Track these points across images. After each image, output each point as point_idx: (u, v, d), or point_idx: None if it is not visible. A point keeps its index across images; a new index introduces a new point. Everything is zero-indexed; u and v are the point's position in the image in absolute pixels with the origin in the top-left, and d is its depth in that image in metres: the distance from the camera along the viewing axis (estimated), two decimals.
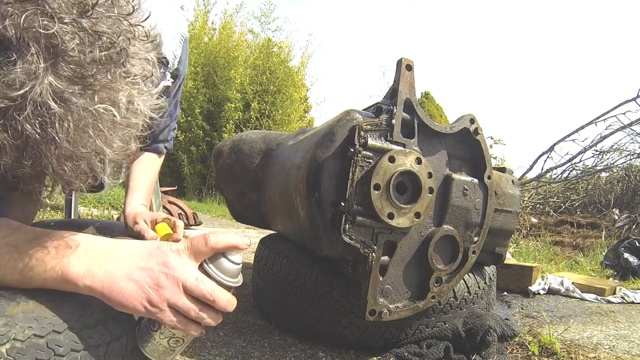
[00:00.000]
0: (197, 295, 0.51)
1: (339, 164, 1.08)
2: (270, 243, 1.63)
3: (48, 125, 0.41)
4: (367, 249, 1.07)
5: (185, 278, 0.51)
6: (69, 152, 0.44)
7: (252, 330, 1.39)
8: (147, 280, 0.50)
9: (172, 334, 0.54)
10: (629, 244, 2.97)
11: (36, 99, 0.40)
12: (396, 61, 1.14)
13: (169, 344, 0.55)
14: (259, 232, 3.95)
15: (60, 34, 0.40)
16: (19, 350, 0.44)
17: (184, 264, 0.51)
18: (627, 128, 5.31)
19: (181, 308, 0.51)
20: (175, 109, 1.23)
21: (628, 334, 1.55)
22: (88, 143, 0.45)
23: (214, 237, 0.52)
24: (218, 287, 0.53)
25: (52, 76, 0.40)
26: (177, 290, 0.50)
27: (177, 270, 0.51)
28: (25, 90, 0.39)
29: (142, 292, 0.50)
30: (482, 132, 1.26)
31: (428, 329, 1.26)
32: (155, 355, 0.56)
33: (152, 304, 0.50)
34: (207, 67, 9.42)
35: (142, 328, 0.56)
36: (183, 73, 1.12)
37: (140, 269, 0.50)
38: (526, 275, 2.20)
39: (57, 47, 0.40)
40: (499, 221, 1.40)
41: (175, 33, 0.98)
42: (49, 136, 0.41)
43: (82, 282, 0.49)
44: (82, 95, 0.42)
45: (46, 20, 0.39)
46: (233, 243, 0.53)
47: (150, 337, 0.55)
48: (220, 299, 0.53)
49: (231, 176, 1.75)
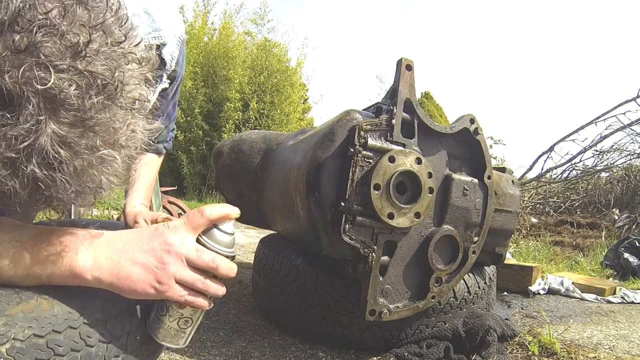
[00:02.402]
0: (200, 264, 0.54)
1: (339, 164, 1.08)
2: (270, 243, 1.63)
3: (56, 170, 0.43)
4: (367, 249, 1.07)
5: (187, 251, 0.54)
6: (77, 189, 0.46)
7: (252, 330, 1.39)
8: (151, 260, 0.53)
9: (180, 314, 0.57)
10: (629, 244, 2.97)
11: (41, 148, 0.41)
12: (396, 61, 1.14)
13: (179, 326, 0.58)
14: (259, 232, 3.95)
15: (58, 84, 0.41)
16: (19, 350, 0.44)
17: (183, 238, 0.54)
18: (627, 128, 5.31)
19: (187, 280, 0.54)
20: (173, 110, 1.24)
21: (628, 334, 1.55)
22: (95, 179, 0.47)
23: (208, 208, 0.56)
24: (218, 255, 0.56)
25: (54, 124, 0.42)
26: (182, 264, 0.53)
27: (178, 246, 0.54)
28: (30, 142, 0.41)
29: (149, 274, 0.52)
30: (482, 132, 1.26)
31: (428, 329, 1.26)
32: (167, 340, 0.58)
33: (160, 282, 0.52)
34: (207, 67, 9.41)
35: (152, 318, 0.59)
36: (181, 74, 1.13)
37: (143, 252, 0.53)
38: (526, 275, 2.20)
39: (56, 97, 0.41)
40: (499, 221, 1.40)
41: (172, 35, 0.98)
42: (57, 179, 0.43)
43: (90, 274, 0.50)
44: (84, 136, 0.44)
45: (42, 72, 0.40)
46: (225, 212, 0.57)
47: (160, 323, 0.58)
48: (222, 265, 0.55)
49: (231, 176, 1.75)
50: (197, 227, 0.56)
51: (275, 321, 1.46)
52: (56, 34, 0.41)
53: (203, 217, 0.56)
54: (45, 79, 0.40)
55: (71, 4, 0.43)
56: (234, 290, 1.88)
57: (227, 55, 9.37)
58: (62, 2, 0.42)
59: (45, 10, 0.41)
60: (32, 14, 0.40)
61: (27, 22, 0.40)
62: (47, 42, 0.41)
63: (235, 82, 9.03)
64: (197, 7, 10.25)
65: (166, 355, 1.15)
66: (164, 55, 0.97)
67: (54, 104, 0.41)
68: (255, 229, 4.17)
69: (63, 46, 0.41)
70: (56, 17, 0.41)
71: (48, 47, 0.41)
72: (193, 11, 10.31)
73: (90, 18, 0.44)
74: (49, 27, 0.41)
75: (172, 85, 1.11)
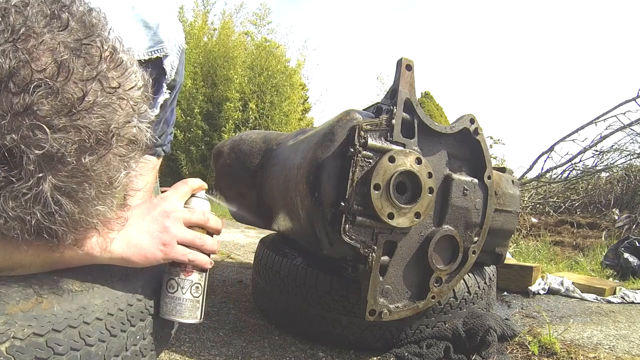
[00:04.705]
0: (195, 221, 0.66)
1: (339, 164, 1.08)
2: (270, 243, 1.63)
3: (56, 215, 0.46)
4: (367, 249, 1.07)
5: (182, 214, 0.65)
6: (80, 223, 0.49)
7: (252, 330, 1.39)
8: (155, 227, 0.62)
9: (190, 282, 0.65)
10: (629, 244, 2.96)
11: (42, 199, 0.44)
12: (396, 61, 1.14)
13: (192, 295, 0.65)
14: (259, 232, 3.95)
15: (55, 145, 0.42)
16: (19, 348, 0.44)
17: (176, 204, 0.65)
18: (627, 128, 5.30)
19: (187, 238, 0.64)
20: (171, 115, 1.25)
21: (628, 334, 1.55)
22: (96, 213, 0.50)
23: (189, 180, 0.70)
24: (206, 211, 0.69)
25: (53, 178, 0.44)
26: (180, 225, 0.64)
27: (173, 211, 0.64)
28: (30, 196, 0.44)
29: (155, 238, 0.61)
30: (482, 132, 1.26)
31: (428, 329, 1.26)
32: (186, 315, 0.64)
33: (165, 244, 0.61)
34: (207, 67, 9.41)
35: (164, 302, 0.65)
36: (179, 83, 1.14)
37: (146, 221, 0.62)
38: (526, 275, 2.20)
39: (54, 156, 0.43)
40: (499, 221, 1.40)
41: (173, 45, 0.99)
42: (59, 222, 0.47)
43: (102, 250, 0.56)
44: (83, 183, 0.47)
45: (40, 134, 0.42)
46: (200, 183, 0.71)
47: (175, 300, 0.64)
48: (212, 219, 0.68)
49: (231, 176, 1.75)
50: (184, 195, 0.67)
51: (275, 321, 1.46)
52: (52, 92, 0.42)
53: (187, 186, 0.68)
54: (42, 140, 0.42)
55: (66, 59, 0.43)
56: (234, 290, 1.88)
57: (227, 55, 9.36)
58: (57, 57, 0.43)
59: (39, 67, 0.42)
60: (26, 72, 0.41)
61: (21, 80, 0.41)
62: (44, 102, 0.42)
63: (235, 82, 9.02)
64: (197, 7, 10.26)
65: (166, 355, 1.15)
66: (165, 66, 0.98)
67: (52, 161, 0.44)
68: (255, 229, 4.17)
69: (59, 104, 0.43)
70: (52, 75, 0.42)
71: (44, 108, 0.42)
72: (193, 11, 10.31)
73: (85, 70, 0.45)
74: (44, 87, 0.42)
75: (171, 94, 1.12)
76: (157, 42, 0.93)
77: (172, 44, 0.99)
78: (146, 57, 0.89)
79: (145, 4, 0.91)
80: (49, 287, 0.51)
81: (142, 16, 0.90)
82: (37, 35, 0.43)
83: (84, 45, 0.46)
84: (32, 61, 0.41)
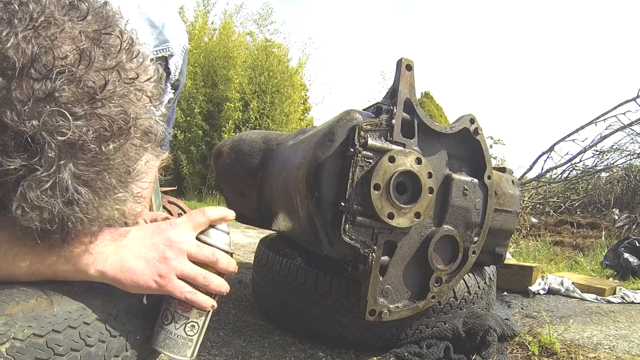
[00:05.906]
0: (201, 258, 0.57)
1: (339, 164, 1.08)
2: (270, 243, 1.63)
3: (75, 204, 0.45)
4: (367, 249, 1.07)
5: (188, 246, 0.56)
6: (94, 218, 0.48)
7: (252, 330, 1.39)
8: (153, 255, 0.54)
9: (185, 319, 0.57)
10: (629, 244, 2.96)
11: (62, 187, 0.43)
12: (396, 61, 1.14)
13: (185, 333, 0.57)
14: (259, 232, 3.95)
15: (76, 132, 0.42)
16: (19, 349, 0.44)
17: (185, 235, 0.57)
18: (627, 128, 5.29)
19: (189, 274, 0.56)
20: (172, 114, 1.25)
21: (628, 334, 1.55)
22: (111, 210, 0.49)
23: (209, 209, 0.60)
24: (217, 249, 0.58)
25: (73, 166, 0.43)
26: (183, 258, 0.56)
27: (179, 241, 0.56)
28: (50, 184, 0.43)
29: (151, 267, 0.54)
30: (482, 132, 1.26)
31: (428, 329, 1.26)
32: (175, 351, 0.57)
33: (161, 275, 0.54)
34: (207, 67, 9.41)
35: (156, 330, 0.58)
36: (182, 83, 1.15)
37: (146, 247, 0.55)
38: (526, 275, 2.20)
39: (75, 143, 0.43)
40: (499, 221, 1.40)
41: (177, 45, 0.99)
42: (78, 212, 0.45)
43: (94, 269, 0.52)
44: (102, 172, 0.46)
45: (62, 121, 0.41)
46: (223, 214, 0.61)
47: (166, 333, 0.57)
48: (221, 259, 0.58)
49: (231, 176, 1.75)
50: (198, 226, 0.58)
51: (275, 321, 1.46)
52: (73, 80, 0.42)
53: (204, 216, 0.59)
54: (63, 127, 0.41)
55: (87, 48, 0.43)
56: (234, 290, 1.88)
57: (228, 55, 9.36)
58: (78, 45, 0.43)
59: (61, 54, 0.42)
60: (48, 59, 0.41)
61: (43, 67, 0.41)
62: (65, 89, 0.42)
63: (235, 82, 9.02)
64: (198, 7, 10.25)
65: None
66: (169, 65, 0.98)
67: (74, 149, 0.43)
68: (255, 229, 4.17)
69: (80, 92, 0.42)
70: (73, 62, 0.42)
71: (66, 95, 0.42)
72: (193, 11, 10.30)
73: (106, 60, 0.45)
74: (67, 74, 0.42)
75: (174, 94, 1.13)
76: (162, 41, 0.93)
77: (176, 43, 0.99)
78: (152, 56, 0.90)
79: (150, 3, 0.91)
80: (49, 287, 0.51)
81: (147, 15, 0.90)
82: (58, 23, 0.43)
83: (104, 35, 0.46)
84: (54, 48, 0.41)
